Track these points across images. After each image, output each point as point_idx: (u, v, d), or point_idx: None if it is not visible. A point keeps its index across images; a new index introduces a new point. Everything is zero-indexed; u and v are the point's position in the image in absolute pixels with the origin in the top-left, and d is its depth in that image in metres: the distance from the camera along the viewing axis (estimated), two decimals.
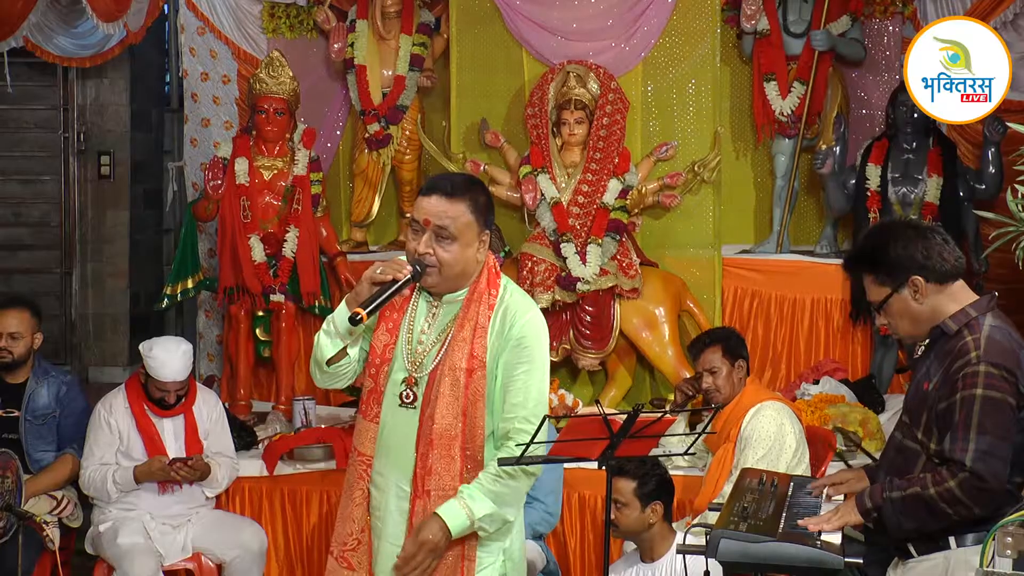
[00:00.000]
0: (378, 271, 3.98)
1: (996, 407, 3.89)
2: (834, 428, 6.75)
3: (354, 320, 3.92)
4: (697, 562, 4.35)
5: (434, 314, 4.13)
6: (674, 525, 5.80)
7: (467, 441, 4.04)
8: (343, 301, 4.08)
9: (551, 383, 7.41)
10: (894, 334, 4.25)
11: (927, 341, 4.19)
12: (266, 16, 8.77)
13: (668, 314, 7.63)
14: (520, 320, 4.06)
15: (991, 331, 4.00)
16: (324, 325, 4.14)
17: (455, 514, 3.97)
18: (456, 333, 4.06)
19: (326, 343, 4.12)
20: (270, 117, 7.75)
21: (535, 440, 4.09)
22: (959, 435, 3.90)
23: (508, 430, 4.05)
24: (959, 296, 4.11)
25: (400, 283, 3.97)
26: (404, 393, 4.09)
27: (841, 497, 4.29)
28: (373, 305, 3.94)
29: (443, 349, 4.06)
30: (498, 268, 4.18)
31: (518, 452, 4.00)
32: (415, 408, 4.08)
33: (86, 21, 8.30)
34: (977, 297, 4.13)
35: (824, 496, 4.30)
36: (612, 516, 5.47)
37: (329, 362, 4.14)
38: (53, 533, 6.28)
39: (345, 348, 4.12)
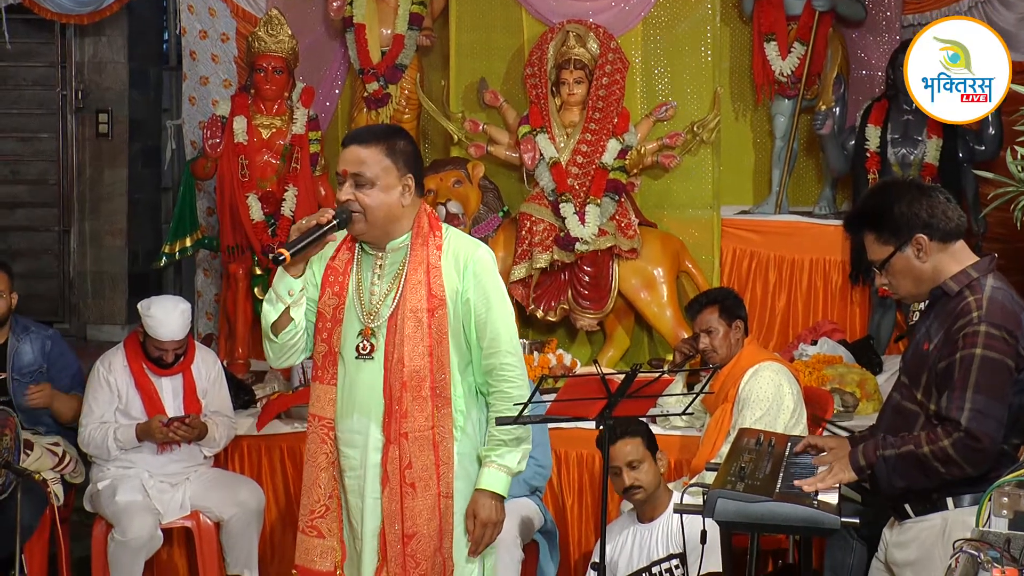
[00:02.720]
0: (303, 222, 4.09)
1: (994, 368, 3.90)
2: (831, 389, 6.76)
3: (277, 259, 4.05)
4: (694, 522, 4.37)
5: (381, 264, 4.22)
6: (671, 485, 5.82)
7: (436, 380, 4.13)
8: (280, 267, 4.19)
9: (550, 343, 7.52)
10: (894, 294, 4.25)
11: (927, 302, 4.20)
12: None
13: (667, 274, 7.63)
14: (472, 258, 4.19)
15: (993, 292, 4.00)
16: (266, 296, 4.24)
17: (496, 479, 4.18)
18: (410, 276, 4.15)
19: (268, 310, 4.21)
20: (268, 76, 7.72)
21: (532, 400, 4.14)
22: (955, 394, 3.91)
23: (494, 365, 4.19)
24: (960, 256, 4.11)
25: (324, 227, 4.07)
26: (361, 345, 4.18)
27: None
28: (297, 247, 4.05)
29: (399, 294, 4.15)
30: (436, 213, 4.29)
31: (512, 391, 4.18)
32: (373, 358, 4.16)
33: None
34: (977, 258, 4.13)
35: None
36: (632, 480, 5.49)
37: (276, 328, 4.20)
38: (56, 489, 6.32)
39: (288, 311, 4.18)
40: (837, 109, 7.88)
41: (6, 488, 6.02)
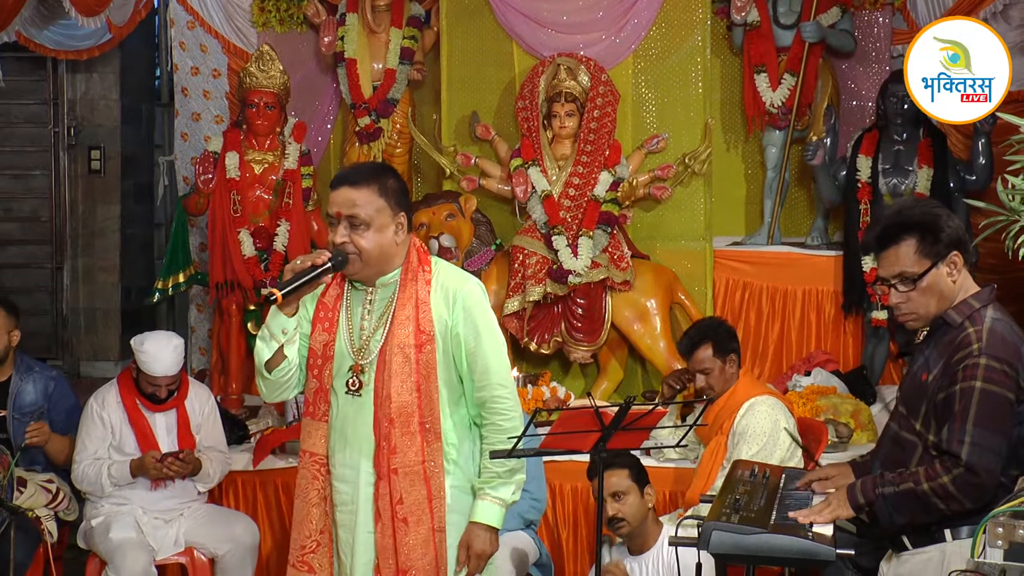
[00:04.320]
0: (298, 261, 4.08)
1: (994, 401, 3.89)
2: (825, 420, 6.75)
3: (268, 299, 4.04)
4: (689, 554, 4.35)
5: (371, 300, 4.22)
6: (665, 518, 5.80)
7: (424, 415, 4.14)
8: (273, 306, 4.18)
9: (543, 376, 7.50)
10: (908, 314, 4.16)
11: (926, 330, 4.19)
12: (256, 10, 8.77)
13: (659, 306, 7.63)
14: (461, 291, 4.18)
15: (993, 324, 4.00)
16: (260, 333, 4.23)
17: (490, 511, 4.18)
18: (398, 312, 4.15)
19: (262, 347, 4.23)
20: (260, 111, 7.74)
21: (526, 434, 4.13)
22: (955, 427, 3.90)
23: (486, 398, 4.19)
24: (967, 284, 4.11)
25: (319, 269, 4.06)
26: (351, 381, 4.19)
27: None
28: (290, 287, 4.04)
29: (387, 330, 4.15)
30: (426, 247, 4.29)
31: (504, 423, 4.18)
32: (361, 395, 4.17)
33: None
34: (978, 288, 4.13)
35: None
36: (615, 511, 5.47)
37: (269, 366, 4.23)
38: (50, 526, 6.29)
39: (282, 349, 4.21)
40: (828, 140, 7.89)
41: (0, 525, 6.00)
